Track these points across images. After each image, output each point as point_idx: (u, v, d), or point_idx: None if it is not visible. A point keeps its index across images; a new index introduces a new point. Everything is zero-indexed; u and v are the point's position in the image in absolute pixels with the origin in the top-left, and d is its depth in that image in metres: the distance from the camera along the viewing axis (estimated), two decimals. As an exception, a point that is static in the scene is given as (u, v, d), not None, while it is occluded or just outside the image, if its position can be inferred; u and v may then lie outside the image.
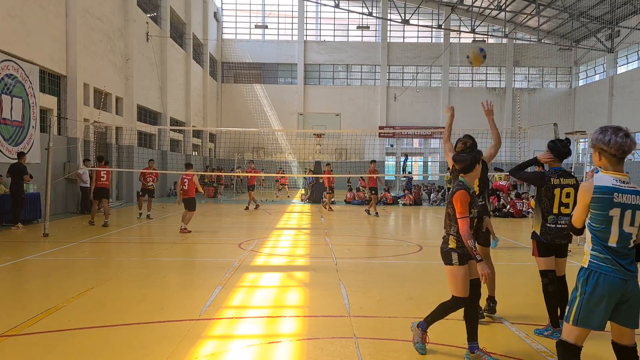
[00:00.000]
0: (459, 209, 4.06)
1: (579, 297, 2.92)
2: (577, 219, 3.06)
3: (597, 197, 2.92)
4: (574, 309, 2.94)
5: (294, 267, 8.31)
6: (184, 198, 12.14)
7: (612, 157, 2.99)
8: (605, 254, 2.91)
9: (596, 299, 2.88)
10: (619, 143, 2.94)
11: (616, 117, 33.19)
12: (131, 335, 4.76)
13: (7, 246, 9.90)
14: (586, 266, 2.96)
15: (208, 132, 35.19)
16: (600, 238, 2.94)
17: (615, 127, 3.02)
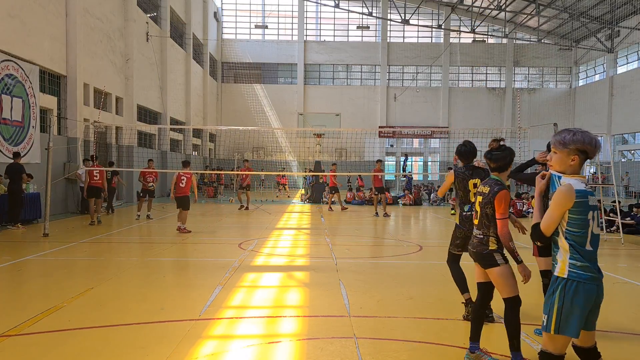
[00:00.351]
0: (502, 210, 3.91)
1: (557, 306, 2.88)
2: (552, 225, 2.92)
3: (579, 201, 2.86)
4: (553, 318, 2.88)
5: (294, 267, 8.31)
6: (178, 196, 11.84)
7: (583, 159, 2.96)
8: (582, 262, 2.88)
9: (575, 308, 2.86)
10: (599, 145, 2.94)
11: (616, 117, 33.21)
12: (131, 335, 4.76)
13: (7, 246, 9.90)
14: (565, 276, 2.90)
15: (208, 132, 35.20)
16: (579, 243, 2.89)
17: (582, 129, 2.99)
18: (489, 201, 3.98)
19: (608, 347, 4.77)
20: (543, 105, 38.39)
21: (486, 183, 4.12)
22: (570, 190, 2.85)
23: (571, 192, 2.85)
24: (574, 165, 2.94)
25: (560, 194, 2.88)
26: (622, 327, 5.38)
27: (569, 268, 2.89)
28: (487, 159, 4.15)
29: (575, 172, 2.95)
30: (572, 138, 2.91)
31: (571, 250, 2.89)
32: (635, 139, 32.23)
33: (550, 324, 2.89)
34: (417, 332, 4.96)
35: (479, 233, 4.14)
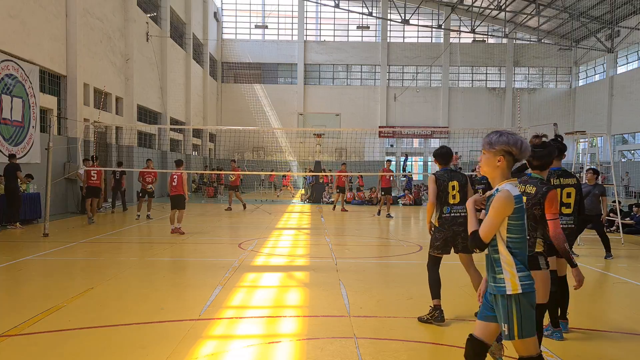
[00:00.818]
0: (554, 210, 3.75)
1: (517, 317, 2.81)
2: (491, 232, 2.83)
3: (518, 207, 2.83)
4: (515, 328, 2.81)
5: (294, 267, 8.31)
6: (173, 195, 11.81)
7: (510, 161, 2.92)
8: (524, 270, 2.85)
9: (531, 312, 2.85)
10: (527, 146, 2.90)
11: (616, 117, 33.20)
12: (131, 335, 4.76)
13: (7, 246, 9.90)
14: (519, 291, 2.81)
15: (208, 132, 35.20)
16: (520, 249, 2.87)
17: (510, 131, 2.97)
18: (538, 202, 3.76)
19: (608, 347, 4.77)
20: (543, 105, 38.39)
21: (528, 182, 3.86)
22: (510, 197, 2.81)
23: (510, 198, 2.81)
24: (500, 166, 2.90)
25: (500, 201, 2.81)
26: (622, 327, 5.38)
27: (520, 282, 2.82)
28: (530, 156, 3.84)
29: (505, 175, 2.92)
30: (498, 139, 2.89)
31: (515, 262, 2.83)
32: (635, 139, 32.22)
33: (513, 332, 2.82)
34: (417, 332, 4.96)
35: None
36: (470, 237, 2.88)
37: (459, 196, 5.29)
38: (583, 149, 32.88)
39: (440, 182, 5.30)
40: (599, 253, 9.51)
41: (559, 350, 4.49)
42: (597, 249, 9.96)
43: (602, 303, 6.23)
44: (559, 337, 4.75)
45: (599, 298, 6.40)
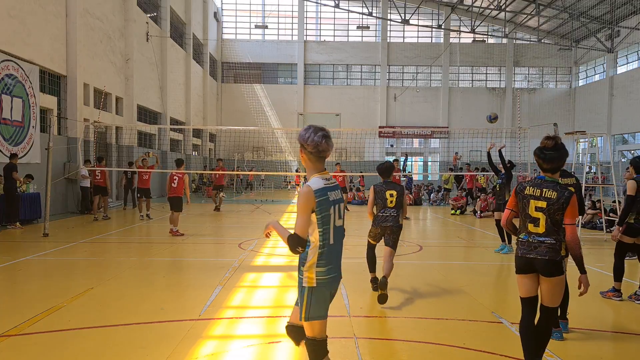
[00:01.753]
0: (575, 215, 3.70)
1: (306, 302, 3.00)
2: (304, 228, 2.95)
3: (320, 200, 2.94)
4: (303, 308, 3.01)
5: (294, 267, 8.28)
6: (171, 196, 11.70)
7: (311, 155, 3.04)
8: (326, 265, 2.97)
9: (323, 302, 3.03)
10: (315, 142, 2.99)
11: (616, 117, 33.20)
12: (131, 335, 4.76)
13: (7, 246, 9.90)
14: (314, 285, 2.97)
15: (208, 132, 35.20)
16: (324, 239, 2.98)
17: (318, 127, 3.08)
18: (561, 207, 3.66)
19: (608, 347, 4.77)
20: (543, 105, 38.39)
21: (545, 187, 3.73)
22: (309, 192, 2.93)
23: (310, 193, 2.92)
24: (307, 160, 3.06)
25: (301, 197, 2.95)
26: (622, 327, 5.38)
27: (317, 277, 2.97)
28: (541, 158, 3.77)
29: (313, 168, 3.05)
30: (300, 134, 3.07)
31: (319, 256, 2.97)
32: (635, 139, 32.22)
33: (301, 315, 3.04)
34: (417, 332, 4.97)
35: (549, 239, 3.71)
36: (288, 242, 2.96)
37: (395, 202, 6.36)
38: (583, 149, 32.91)
39: (379, 192, 6.42)
40: (598, 252, 9.51)
41: (559, 350, 4.49)
42: (597, 249, 9.96)
43: (602, 303, 6.24)
44: (558, 337, 4.75)
45: (599, 298, 6.40)
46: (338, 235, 3.08)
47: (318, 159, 3.05)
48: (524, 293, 3.82)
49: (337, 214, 3.07)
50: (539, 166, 3.82)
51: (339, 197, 3.10)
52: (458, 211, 17.81)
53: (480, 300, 6.12)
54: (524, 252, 3.75)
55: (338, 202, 3.08)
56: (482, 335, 4.93)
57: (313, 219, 2.96)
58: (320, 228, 2.97)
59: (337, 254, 3.10)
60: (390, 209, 6.38)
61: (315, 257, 2.97)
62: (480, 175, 23.12)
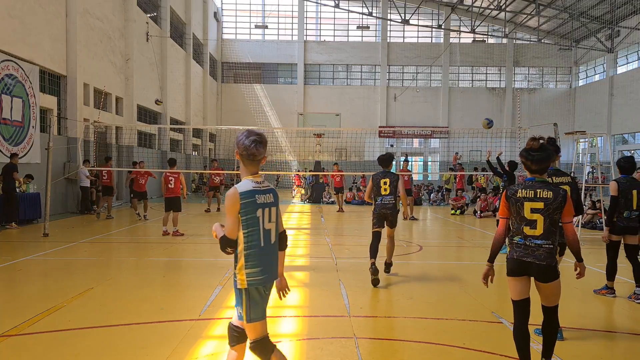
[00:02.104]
0: (573, 212, 3.71)
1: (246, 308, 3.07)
2: (233, 229, 3.04)
3: (245, 202, 3.02)
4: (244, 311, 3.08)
5: (294, 267, 8.31)
6: (169, 197, 11.56)
7: (242, 158, 3.12)
8: (256, 266, 3.06)
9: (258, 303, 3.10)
10: (245, 145, 3.08)
11: (616, 117, 33.20)
12: (131, 335, 4.76)
13: (7, 246, 9.90)
14: (246, 286, 3.06)
15: (208, 132, 35.20)
16: (252, 240, 3.06)
17: (252, 131, 3.16)
18: (560, 206, 3.62)
19: (608, 347, 4.77)
20: (543, 105, 38.38)
21: (542, 187, 3.66)
22: (234, 194, 3.02)
23: (235, 195, 3.02)
24: (240, 163, 3.16)
25: (227, 199, 3.04)
26: (622, 327, 5.38)
27: (247, 278, 3.06)
28: (528, 160, 3.70)
29: (245, 171, 3.14)
30: (237, 135, 3.17)
31: (246, 257, 3.06)
32: (635, 139, 32.22)
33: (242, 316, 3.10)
34: (417, 332, 4.97)
35: (547, 243, 3.65)
36: (219, 243, 3.07)
37: (389, 190, 7.29)
38: (583, 149, 32.92)
39: (375, 181, 7.38)
40: (599, 252, 9.50)
41: (559, 350, 4.49)
42: (597, 249, 9.96)
43: (602, 303, 6.24)
44: (560, 338, 4.75)
45: (598, 298, 6.40)
46: (268, 238, 3.14)
47: (250, 162, 3.12)
48: (517, 296, 3.75)
49: (268, 217, 3.13)
50: (527, 168, 3.76)
51: (270, 200, 3.15)
52: (458, 211, 17.81)
53: (480, 300, 6.12)
54: (520, 255, 3.67)
55: (268, 206, 3.14)
56: (482, 335, 4.93)
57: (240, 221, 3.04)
58: (245, 230, 3.05)
59: (270, 256, 3.16)
60: (386, 197, 7.31)
61: (243, 259, 3.07)
62: (480, 175, 23.13)
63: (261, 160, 3.15)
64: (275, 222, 3.21)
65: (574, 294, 6.60)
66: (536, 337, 4.74)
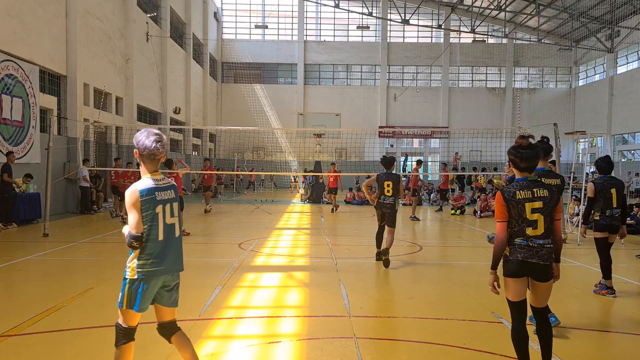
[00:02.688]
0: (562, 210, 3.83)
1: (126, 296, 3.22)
2: (135, 225, 3.17)
3: (145, 199, 3.19)
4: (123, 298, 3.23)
5: (294, 267, 8.31)
6: None
7: (143, 157, 3.27)
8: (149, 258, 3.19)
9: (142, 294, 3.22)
10: (146, 145, 3.23)
11: (616, 117, 33.20)
12: (131, 335, 4.75)
13: (6, 246, 9.90)
14: (135, 277, 3.20)
15: (208, 132, 35.20)
16: (151, 235, 3.19)
17: (150, 131, 3.29)
18: (555, 203, 3.63)
19: (608, 347, 4.77)
20: (543, 105, 38.38)
21: (537, 186, 3.63)
22: (134, 192, 3.19)
23: (135, 193, 3.19)
24: (140, 161, 3.30)
25: (127, 197, 3.20)
26: (622, 327, 5.38)
27: (137, 269, 3.20)
28: (518, 157, 3.66)
29: (149, 169, 3.29)
30: (135, 135, 3.31)
31: (141, 250, 3.20)
32: (635, 139, 32.22)
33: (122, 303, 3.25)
34: (417, 332, 4.97)
35: (548, 242, 3.61)
36: (127, 238, 3.20)
37: (392, 192, 8.19)
38: (583, 149, 32.91)
39: (380, 180, 8.32)
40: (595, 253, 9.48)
41: (559, 350, 4.48)
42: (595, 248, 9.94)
43: (602, 303, 6.24)
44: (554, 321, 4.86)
45: (598, 298, 6.40)
46: (170, 232, 3.30)
47: (150, 161, 3.28)
48: (517, 297, 3.68)
49: (169, 212, 3.30)
50: (516, 165, 3.69)
51: (171, 196, 3.33)
52: (458, 211, 17.81)
53: (480, 300, 6.12)
54: (526, 257, 3.60)
55: (170, 202, 3.31)
56: (482, 335, 4.93)
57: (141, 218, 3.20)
58: (145, 225, 3.20)
59: (168, 249, 3.28)
60: (388, 197, 8.20)
61: (137, 252, 3.21)
62: (480, 175, 23.13)
63: (161, 159, 3.32)
64: (178, 216, 3.38)
65: (573, 294, 6.60)
66: (536, 337, 4.74)
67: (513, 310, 3.73)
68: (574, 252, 9.63)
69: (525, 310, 3.75)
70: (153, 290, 3.28)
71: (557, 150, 11.25)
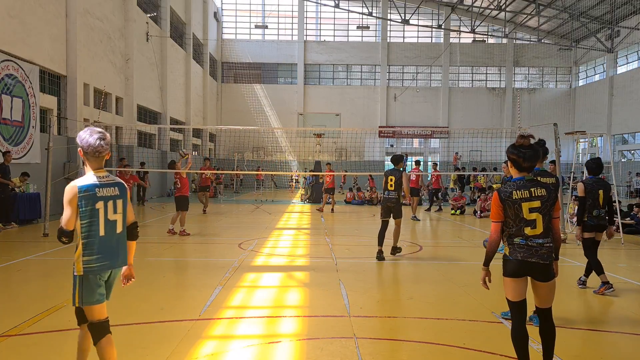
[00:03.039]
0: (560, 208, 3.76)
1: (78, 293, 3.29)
2: (68, 220, 3.23)
3: (82, 195, 3.24)
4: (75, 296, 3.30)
5: (294, 267, 8.31)
6: (176, 196, 11.82)
7: (86, 155, 3.36)
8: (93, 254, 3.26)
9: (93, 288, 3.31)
10: (90, 143, 3.32)
11: (616, 117, 33.20)
12: (131, 335, 4.76)
13: (6, 246, 9.90)
14: (82, 273, 3.26)
15: (208, 132, 35.21)
16: (91, 231, 3.26)
17: (94, 129, 3.38)
18: (553, 201, 3.63)
19: (608, 347, 4.77)
20: (543, 105, 38.38)
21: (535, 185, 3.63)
22: (72, 188, 3.25)
23: (73, 189, 3.25)
24: (85, 160, 3.39)
25: (65, 193, 3.25)
26: (622, 327, 5.38)
27: (83, 266, 3.26)
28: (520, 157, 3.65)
29: (92, 166, 3.37)
30: (78, 134, 3.43)
31: (84, 246, 3.26)
32: (635, 139, 32.22)
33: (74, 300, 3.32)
34: (417, 332, 4.97)
35: (547, 241, 3.61)
36: (57, 232, 3.26)
37: (394, 186, 8.72)
38: (583, 149, 32.90)
39: (385, 176, 8.97)
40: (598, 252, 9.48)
41: (559, 350, 4.48)
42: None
43: (601, 303, 6.24)
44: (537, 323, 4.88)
45: (598, 298, 6.40)
46: (111, 229, 3.36)
47: (95, 159, 3.36)
48: (517, 297, 3.67)
49: (112, 209, 3.36)
50: (517, 165, 3.69)
51: (114, 193, 3.39)
52: (458, 211, 17.81)
53: (480, 300, 6.12)
54: (525, 256, 3.59)
55: (113, 198, 3.37)
56: (482, 335, 4.93)
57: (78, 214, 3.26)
58: (85, 221, 3.25)
59: (110, 245, 3.35)
60: (391, 192, 8.75)
61: (81, 248, 3.27)
62: (480, 175, 23.13)
63: (105, 156, 3.39)
64: (122, 213, 3.44)
65: (573, 294, 6.60)
66: (536, 337, 4.74)
67: (513, 310, 3.72)
68: (574, 252, 9.62)
69: (525, 310, 3.74)
70: (102, 283, 3.37)
71: (557, 150, 11.24)
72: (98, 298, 3.33)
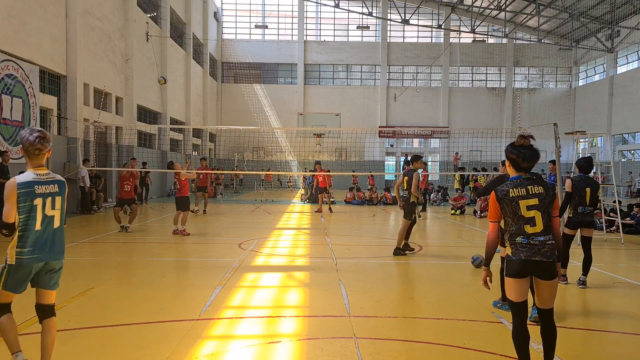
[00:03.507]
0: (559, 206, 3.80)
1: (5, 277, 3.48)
2: (7, 214, 3.41)
3: (22, 192, 3.43)
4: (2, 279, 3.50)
5: (294, 267, 8.31)
6: (176, 197, 12.00)
7: (26, 152, 3.56)
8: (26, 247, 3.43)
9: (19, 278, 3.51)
10: (29, 141, 3.52)
11: (616, 117, 33.20)
12: (131, 335, 4.76)
13: (6, 246, 9.88)
14: (13, 262, 3.45)
15: (208, 132, 35.20)
16: (27, 225, 3.44)
17: (34, 128, 3.58)
18: (551, 199, 3.61)
19: (608, 347, 4.77)
20: (543, 105, 38.39)
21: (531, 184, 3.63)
22: (12, 184, 3.45)
23: (13, 185, 3.44)
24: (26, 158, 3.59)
25: (5, 188, 3.44)
26: (622, 327, 5.38)
27: (15, 256, 3.46)
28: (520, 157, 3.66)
29: (32, 164, 3.58)
30: (20, 133, 3.61)
31: (19, 238, 3.45)
32: (635, 139, 32.22)
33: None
34: (417, 332, 4.97)
35: (549, 239, 3.59)
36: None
37: (406, 185, 9.37)
38: (583, 149, 32.89)
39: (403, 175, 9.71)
40: (598, 252, 9.49)
41: (559, 350, 4.48)
42: (596, 249, 9.94)
43: (602, 303, 6.24)
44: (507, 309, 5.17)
45: (599, 298, 6.40)
46: (49, 223, 3.54)
47: (36, 156, 3.57)
48: (520, 297, 3.63)
49: (50, 205, 3.55)
50: (517, 165, 3.69)
51: (53, 190, 3.59)
52: (458, 211, 17.82)
53: (480, 300, 6.12)
54: (529, 255, 3.56)
55: (51, 195, 3.57)
56: (482, 335, 4.93)
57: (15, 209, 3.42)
58: (22, 215, 3.44)
59: (45, 239, 3.53)
60: (405, 191, 9.46)
61: (16, 240, 3.47)
62: (480, 175, 23.13)
63: (46, 154, 3.59)
64: (60, 209, 3.64)
65: (573, 294, 6.60)
66: (536, 337, 4.74)
67: (514, 311, 3.71)
68: (574, 252, 9.62)
69: (526, 310, 3.73)
70: (29, 276, 3.54)
71: (557, 150, 11.24)
72: (19, 289, 3.55)
